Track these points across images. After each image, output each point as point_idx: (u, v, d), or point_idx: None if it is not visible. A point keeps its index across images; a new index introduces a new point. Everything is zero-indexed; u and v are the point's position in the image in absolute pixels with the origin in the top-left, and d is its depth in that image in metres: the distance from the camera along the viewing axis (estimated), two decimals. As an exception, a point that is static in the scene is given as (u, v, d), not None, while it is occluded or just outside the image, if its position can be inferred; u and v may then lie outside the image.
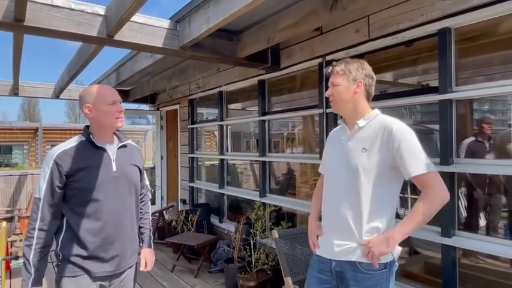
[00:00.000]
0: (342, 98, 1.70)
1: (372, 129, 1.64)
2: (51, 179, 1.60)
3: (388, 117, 1.67)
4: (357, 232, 1.61)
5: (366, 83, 1.70)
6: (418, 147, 1.56)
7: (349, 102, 1.70)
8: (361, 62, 1.73)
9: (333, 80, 1.73)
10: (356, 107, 1.70)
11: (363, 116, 1.69)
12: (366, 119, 1.68)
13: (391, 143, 1.56)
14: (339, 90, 1.70)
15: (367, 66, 1.73)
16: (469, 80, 2.44)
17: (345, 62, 1.72)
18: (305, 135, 4.24)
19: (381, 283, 1.58)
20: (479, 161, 2.37)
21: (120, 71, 4.81)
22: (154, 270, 4.35)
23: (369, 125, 1.66)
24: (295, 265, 2.44)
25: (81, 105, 1.72)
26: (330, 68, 1.76)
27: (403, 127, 1.58)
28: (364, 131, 1.67)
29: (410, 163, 1.53)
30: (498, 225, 2.74)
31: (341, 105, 1.73)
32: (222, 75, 4.77)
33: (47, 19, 2.47)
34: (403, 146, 1.54)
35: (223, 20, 2.45)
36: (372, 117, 1.68)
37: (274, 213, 4.10)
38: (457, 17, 2.27)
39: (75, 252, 1.63)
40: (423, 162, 1.53)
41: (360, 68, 1.70)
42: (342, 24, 3.01)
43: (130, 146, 1.88)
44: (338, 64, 1.73)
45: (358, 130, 1.68)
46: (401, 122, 1.62)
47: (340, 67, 1.71)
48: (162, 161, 7.13)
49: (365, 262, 1.58)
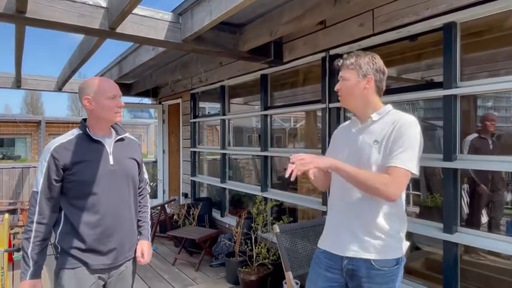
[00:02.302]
0: (351, 94, 1.66)
1: (384, 124, 1.60)
2: (48, 172, 1.60)
3: (401, 113, 1.63)
4: (372, 228, 1.58)
5: (377, 78, 1.64)
6: (415, 143, 1.52)
7: (358, 98, 1.65)
8: (372, 56, 1.66)
9: (342, 74, 1.68)
10: (366, 102, 1.66)
11: (375, 110, 1.65)
12: (379, 113, 1.64)
13: (397, 136, 1.53)
14: (348, 86, 1.65)
15: (379, 60, 1.67)
16: (473, 76, 2.41)
17: (356, 55, 1.66)
18: (307, 130, 4.22)
19: (393, 279, 1.58)
20: (482, 157, 2.35)
21: (122, 64, 4.80)
22: (155, 263, 4.38)
23: (382, 120, 1.62)
24: (296, 260, 2.44)
25: (81, 97, 1.70)
26: (341, 61, 1.70)
27: (412, 122, 1.55)
28: (377, 125, 1.63)
29: (395, 153, 1.50)
30: (500, 221, 2.73)
31: (350, 101, 1.69)
32: (225, 69, 4.74)
33: (49, 11, 2.45)
34: (402, 139, 1.51)
35: (226, 13, 2.43)
36: (385, 112, 1.64)
37: (275, 208, 4.10)
38: (463, 11, 2.23)
39: (73, 245, 1.63)
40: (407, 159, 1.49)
41: (371, 63, 1.64)
42: (346, 17, 2.97)
43: (128, 140, 1.87)
44: (348, 57, 1.67)
45: (371, 123, 1.64)
46: (412, 116, 1.58)
47: (350, 60, 1.65)
48: (164, 154, 7.13)
49: (379, 259, 1.56)
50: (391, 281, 1.57)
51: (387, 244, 1.57)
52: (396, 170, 1.49)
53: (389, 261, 1.57)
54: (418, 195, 3.09)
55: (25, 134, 19.09)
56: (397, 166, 1.49)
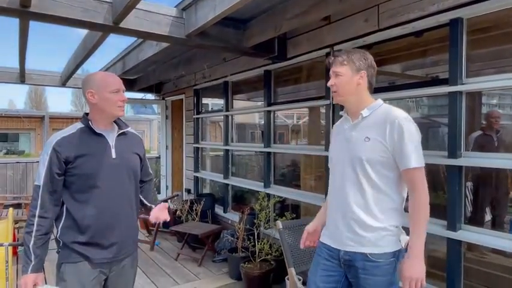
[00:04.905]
0: (345, 90, 1.68)
1: (375, 119, 1.63)
2: (50, 166, 1.60)
3: (392, 107, 1.66)
4: (367, 222, 1.61)
5: (369, 73, 1.68)
6: (417, 140, 1.57)
7: (352, 93, 1.68)
8: (363, 52, 1.71)
9: (335, 69, 1.70)
10: (359, 98, 1.69)
11: (366, 106, 1.67)
12: (370, 108, 1.67)
13: (393, 133, 1.55)
14: (342, 81, 1.67)
15: (370, 56, 1.71)
16: (479, 73, 2.39)
17: (347, 52, 1.70)
18: (311, 126, 4.21)
19: (390, 272, 1.60)
20: (487, 154, 2.33)
21: (125, 60, 4.80)
22: (158, 258, 4.41)
23: (373, 115, 1.65)
24: (298, 256, 2.44)
25: (84, 90, 1.70)
26: (332, 58, 1.73)
27: (406, 118, 1.58)
28: (367, 120, 1.65)
29: (405, 155, 1.54)
30: (505, 219, 2.71)
31: (344, 97, 1.71)
32: (228, 65, 4.73)
33: (53, 5, 2.45)
34: (403, 136, 1.54)
35: (230, 8, 2.41)
36: (376, 107, 1.67)
37: (278, 204, 4.10)
38: (470, 6, 2.21)
39: (74, 239, 1.64)
40: (417, 156, 1.55)
41: (363, 58, 1.68)
42: (350, 13, 2.95)
43: (130, 134, 1.87)
44: (340, 54, 1.71)
45: (361, 120, 1.67)
46: (404, 112, 1.62)
47: (342, 57, 1.68)
48: (167, 150, 7.14)
49: (375, 252, 1.59)
50: (388, 274, 1.59)
51: (383, 237, 1.60)
52: (416, 171, 1.55)
53: (385, 255, 1.59)
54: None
55: (29, 129, 19.16)
56: (416, 167, 1.55)
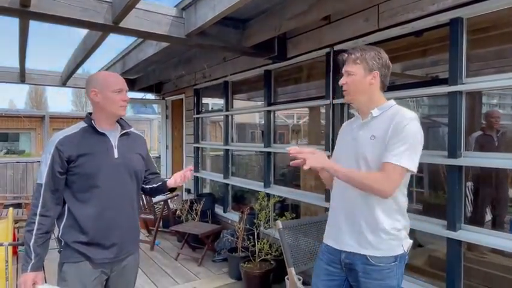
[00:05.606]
0: (357, 89, 1.64)
1: (384, 119, 1.59)
2: (52, 164, 1.60)
3: (402, 108, 1.62)
4: (369, 224, 1.58)
5: (382, 73, 1.63)
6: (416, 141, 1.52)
7: (364, 93, 1.64)
8: (378, 51, 1.64)
9: (347, 68, 1.65)
10: (370, 97, 1.65)
11: (377, 105, 1.64)
12: (381, 109, 1.63)
13: (393, 130, 1.52)
14: (353, 81, 1.63)
15: (384, 54, 1.65)
16: (479, 72, 2.38)
17: (361, 50, 1.64)
18: (311, 126, 4.20)
19: (390, 276, 1.57)
20: (487, 154, 2.33)
21: (125, 59, 4.80)
22: (158, 258, 4.40)
23: (382, 115, 1.61)
24: (298, 256, 2.44)
25: (88, 89, 1.71)
26: (345, 55, 1.67)
27: (412, 118, 1.54)
28: (377, 120, 1.62)
29: (392, 150, 1.50)
30: (505, 219, 2.71)
31: (355, 96, 1.67)
32: (228, 65, 4.72)
33: (53, 5, 2.45)
34: (399, 135, 1.50)
35: (230, 8, 2.41)
36: (387, 108, 1.63)
37: (278, 204, 4.09)
38: (470, 6, 2.20)
39: (76, 239, 1.64)
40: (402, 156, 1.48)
41: (377, 58, 1.62)
42: (350, 13, 2.94)
43: (133, 134, 1.87)
44: (354, 51, 1.65)
45: (371, 119, 1.64)
46: (413, 113, 1.57)
47: (356, 55, 1.63)
48: (168, 150, 7.15)
49: (375, 256, 1.56)
50: (388, 278, 1.56)
51: (385, 241, 1.57)
52: (391, 167, 1.50)
53: (386, 258, 1.56)
54: (422, 192, 3.07)
55: (29, 129, 19.17)
56: (392, 163, 1.49)
